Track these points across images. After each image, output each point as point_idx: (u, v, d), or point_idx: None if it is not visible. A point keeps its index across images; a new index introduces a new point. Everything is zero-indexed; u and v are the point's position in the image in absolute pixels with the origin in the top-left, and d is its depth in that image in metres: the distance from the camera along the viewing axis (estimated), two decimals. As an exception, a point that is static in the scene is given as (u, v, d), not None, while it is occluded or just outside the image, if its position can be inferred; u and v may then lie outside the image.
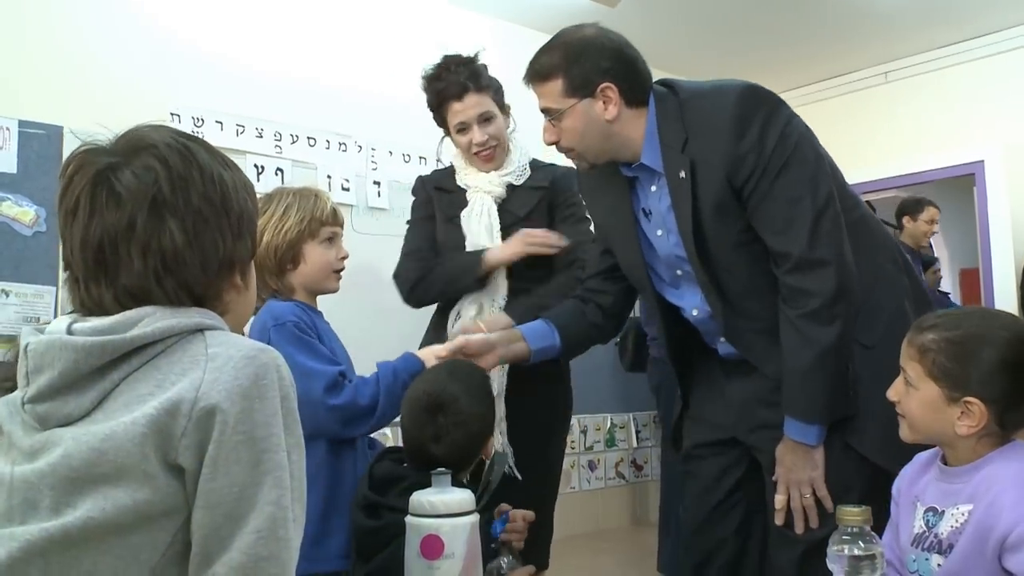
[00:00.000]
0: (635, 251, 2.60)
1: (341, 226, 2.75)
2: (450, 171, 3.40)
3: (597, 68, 2.40)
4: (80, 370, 1.31)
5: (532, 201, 3.29)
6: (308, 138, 4.87)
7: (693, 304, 2.57)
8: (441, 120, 3.31)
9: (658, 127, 2.43)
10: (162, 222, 1.35)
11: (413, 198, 3.47)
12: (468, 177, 3.33)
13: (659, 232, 2.52)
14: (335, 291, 2.74)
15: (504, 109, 3.34)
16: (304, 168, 4.84)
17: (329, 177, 4.93)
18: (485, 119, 3.25)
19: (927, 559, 1.86)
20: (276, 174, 4.69)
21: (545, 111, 2.48)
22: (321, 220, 2.69)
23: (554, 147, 2.53)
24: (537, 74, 2.46)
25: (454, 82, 3.22)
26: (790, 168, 2.29)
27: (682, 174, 2.36)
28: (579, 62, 2.41)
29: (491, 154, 3.29)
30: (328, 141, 4.96)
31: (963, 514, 1.83)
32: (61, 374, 1.31)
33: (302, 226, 2.66)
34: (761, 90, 2.35)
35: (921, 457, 2.06)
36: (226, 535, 1.26)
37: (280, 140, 4.76)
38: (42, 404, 1.32)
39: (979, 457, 1.88)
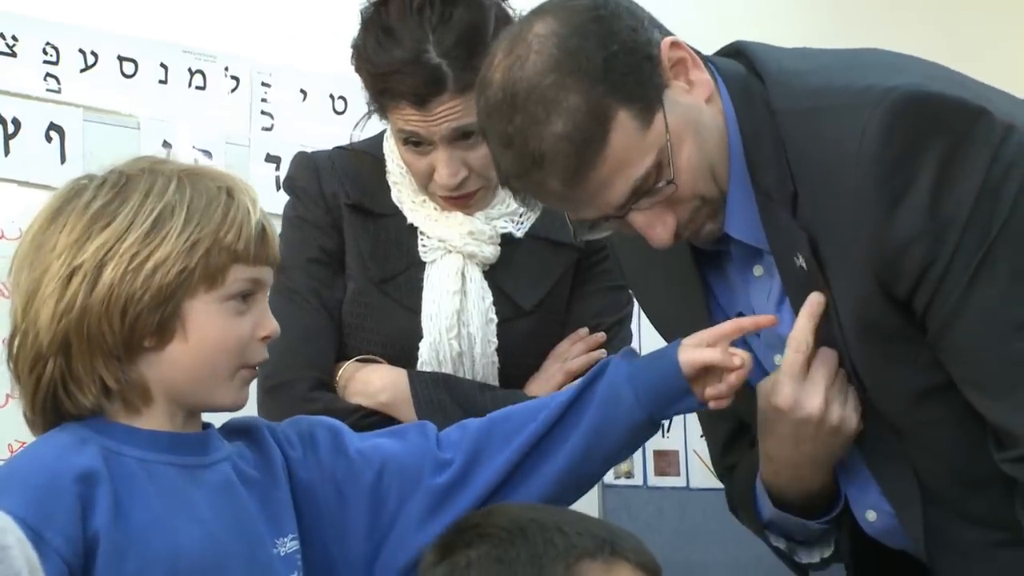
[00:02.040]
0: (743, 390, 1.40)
1: (273, 264, 1.31)
2: (377, 164, 1.82)
3: (633, 36, 1.30)
4: None
5: (550, 272, 1.81)
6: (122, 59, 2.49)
7: (865, 501, 1.47)
8: (376, 101, 1.74)
9: (747, 157, 1.35)
10: None
11: (292, 202, 1.82)
12: (421, 214, 1.78)
13: (777, 359, 1.41)
14: (236, 406, 1.31)
15: None
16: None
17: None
18: (464, 135, 1.68)
19: None
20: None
21: (636, 194, 1.30)
22: (233, 251, 1.24)
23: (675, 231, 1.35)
24: (576, 157, 1.26)
25: (414, 69, 1.65)
26: (1006, 256, 1.24)
27: (799, 261, 1.32)
28: (610, 56, 1.27)
29: (465, 199, 1.75)
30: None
31: None
32: None
33: (188, 261, 1.22)
34: (934, 98, 1.25)
35: None
36: None
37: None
38: None
39: None
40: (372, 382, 1.74)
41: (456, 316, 1.74)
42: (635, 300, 1.71)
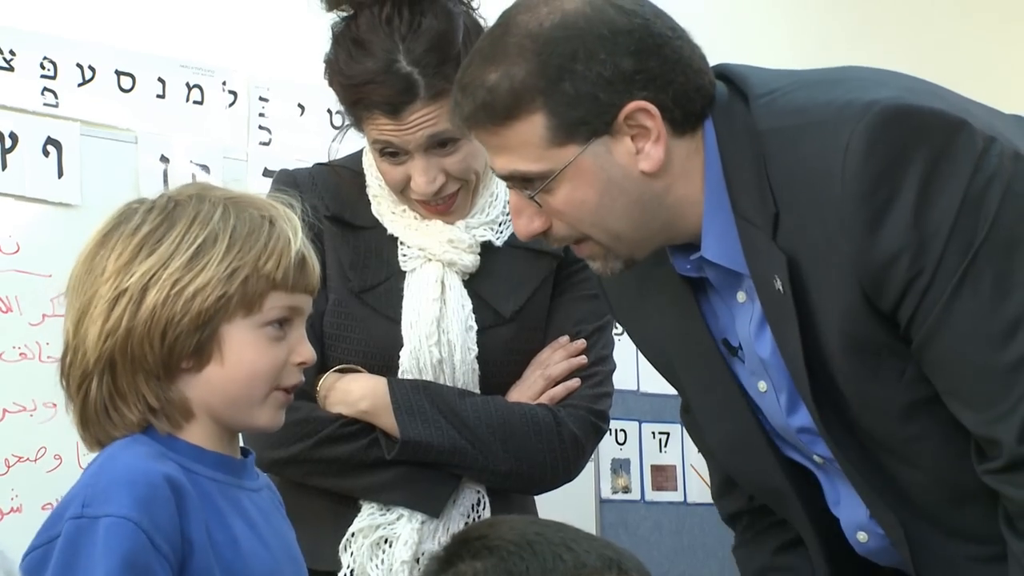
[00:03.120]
0: (742, 414, 1.46)
1: (312, 292, 1.36)
2: (358, 178, 1.84)
3: (613, 75, 1.29)
4: None
5: (528, 280, 1.83)
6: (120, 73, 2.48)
7: (856, 523, 1.47)
8: (350, 114, 1.77)
9: (726, 180, 1.36)
10: None
11: None
12: (401, 223, 1.79)
13: (761, 386, 1.43)
14: (272, 428, 1.35)
15: None
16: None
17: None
18: (440, 143, 1.70)
19: None
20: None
21: (512, 178, 1.36)
22: (272, 279, 1.28)
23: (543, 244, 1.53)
24: (484, 111, 1.32)
25: (386, 78, 1.67)
26: (988, 267, 1.24)
27: (777, 283, 1.32)
28: (571, 71, 1.29)
29: (446, 207, 1.77)
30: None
31: None
32: None
33: (227, 288, 1.26)
34: (915, 112, 1.26)
35: None
36: None
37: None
38: None
39: None
40: (352, 391, 1.75)
41: (436, 323, 1.75)
42: (628, 336, 1.67)
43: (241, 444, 1.39)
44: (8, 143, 2.34)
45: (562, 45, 1.29)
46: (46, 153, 2.37)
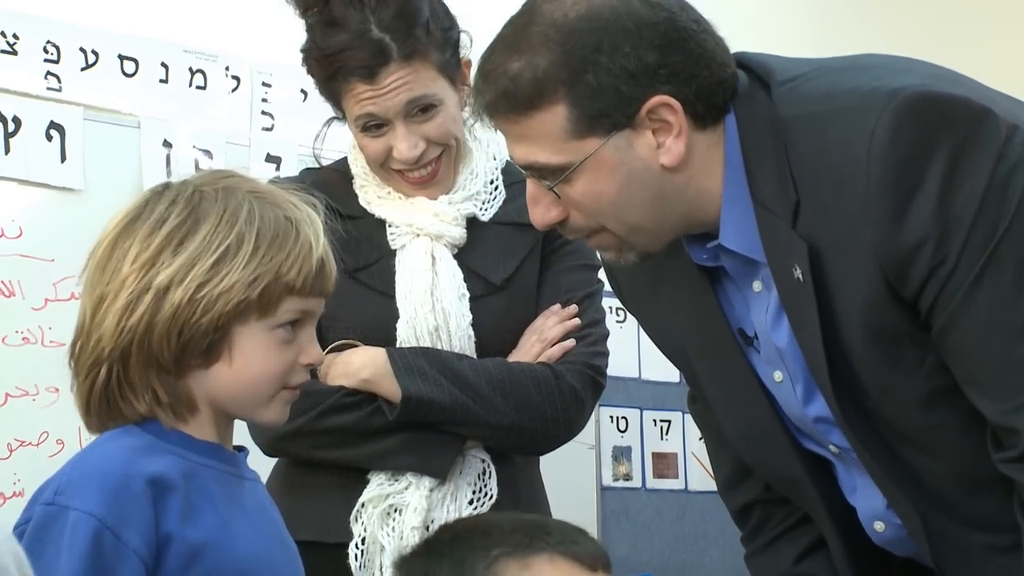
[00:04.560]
0: (759, 404, 1.45)
1: (327, 295, 1.36)
2: (342, 174, 1.90)
3: (636, 68, 1.28)
4: None
5: (516, 251, 1.86)
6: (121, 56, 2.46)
7: (873, 512, 1.46)
8: (330, 95, 1.83)
9: (746, 168, 1.35)
10: None
11: None
12: (387, 205, 1.85)
13: (777, 376, 1.43)
14: (276, 423, 1.38)
15: (458, 77, 1.81)
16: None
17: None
18: (421, 108, 1.76)
19: None
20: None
21: (531, 168, 1.35)
22: (291, 286, 1.29)
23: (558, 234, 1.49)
24: (506, 100, 1.32)
25: (360, 43, 1.73)
26: (1011, 255, 1.24)
27: (796, 272, 1.32)
28: (594, 63, 1.28)
29: (430, 176, 1.82)
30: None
31: None
32: None
33: (248, 292, 1.26)
34: (941, 99, 1.25)
35: None
36: None
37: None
38: None
39: None
40: (352, 362, 1.78)
41: (429, 292, 1.79)
42: (641, 326, 1.69)
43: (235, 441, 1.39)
44: (11, 127, 2.33)
45: (587, 36, 1.28)
46: (49, 138, 2.37)
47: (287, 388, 1.32)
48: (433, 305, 1.79)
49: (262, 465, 1.75)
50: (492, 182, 1.88)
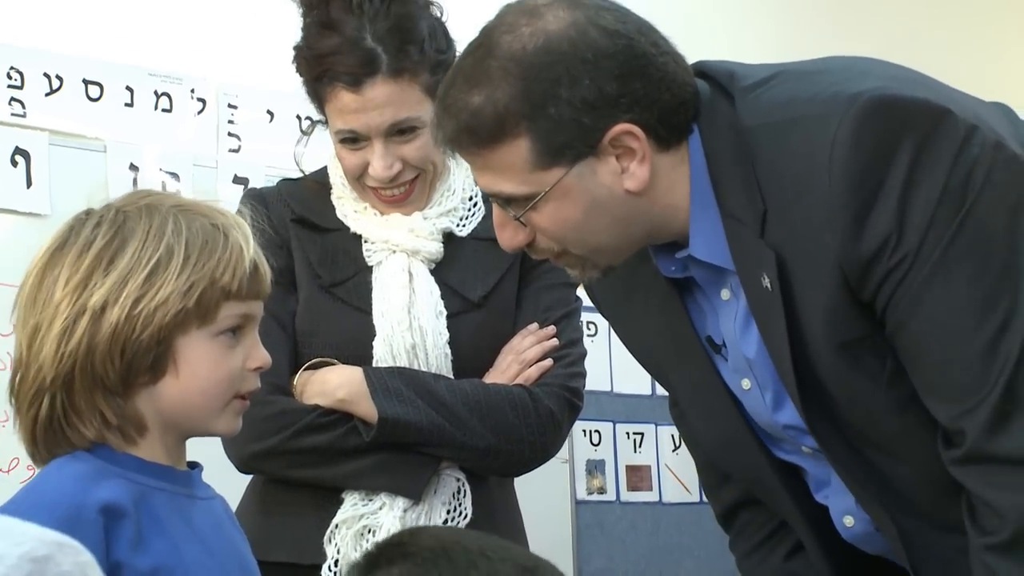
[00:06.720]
0: (728, 412, 1.46)
1: (263, 297, 1.35)
2: (321, 184, 1.88)
3: (597, 99, 1.28)
4: None
5: (495, 267, 1.85)
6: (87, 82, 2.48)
7: (843, 508, 1.47)
8: (315, 97, 1.81)
9: (712, 179, 1.36)
10: None
11: None
12: (363, 220, 1.83)
13: (745, 384, 1.44)
14: (231, 434, 1.37)
15: None
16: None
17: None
18: (400, 131, 1.74)
19: None
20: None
21: (496, 197, 1.36)
22: (227, 290, 1.28)
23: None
24: (467, 135, 1.31)
25: (351, 49, 1.71)
26: (965, 255, 1.25)
27: (765, 281, 1.33)
28: (555, 96, 1.28)
29: (403, 196, 1.81)
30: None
31: None
32: None
33: (185, 301, 1.25)
34: (900, 102, 1.27)
35: None
36: None
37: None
38: None
39: None
40: (329, 380, 1.77)
41: (407, 310, 1.78)
42: (616, 334, 1.67)
43: (189, 459, 1.36)
44: (-24, 154, 2.32)
45: (546, 70, 1.28)
46: (14, 163, 2.36)
47: (238, 397, 1.31)
48: (410, 323, 1.78)
49: (236, 480, 1.78)
50: (471, 198, 1.87)
